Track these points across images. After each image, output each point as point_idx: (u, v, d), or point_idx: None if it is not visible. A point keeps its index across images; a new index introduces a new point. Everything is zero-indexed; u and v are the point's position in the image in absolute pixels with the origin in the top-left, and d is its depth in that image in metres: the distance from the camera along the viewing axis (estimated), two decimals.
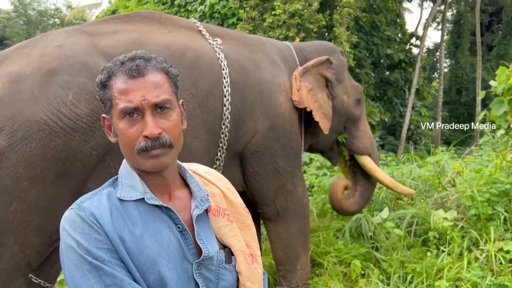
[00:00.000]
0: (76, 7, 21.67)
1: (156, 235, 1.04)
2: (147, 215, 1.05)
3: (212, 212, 1.15)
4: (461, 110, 19.27)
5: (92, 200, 1.05)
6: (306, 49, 3.50)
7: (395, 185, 3.79)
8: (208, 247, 1.09)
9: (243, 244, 1.17)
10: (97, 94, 1.10)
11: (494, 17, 21.53)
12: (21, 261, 2.24)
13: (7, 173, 2.10)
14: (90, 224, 0.99)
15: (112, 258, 0.98)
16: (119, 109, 1.03)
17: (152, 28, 2.74)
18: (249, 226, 1.23)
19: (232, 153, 2.87)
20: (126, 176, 1.10)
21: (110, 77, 1.06)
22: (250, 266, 1.16)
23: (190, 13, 8.56)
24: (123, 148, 1.08)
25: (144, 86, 1.03)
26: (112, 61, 1.08)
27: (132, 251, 1.01)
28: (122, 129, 1.04)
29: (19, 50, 2.42)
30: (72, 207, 1.04)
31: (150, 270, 1.01)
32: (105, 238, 0.99)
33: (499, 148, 5.22)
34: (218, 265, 1.11)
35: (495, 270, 3.04)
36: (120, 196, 1.06)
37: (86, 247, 0.97)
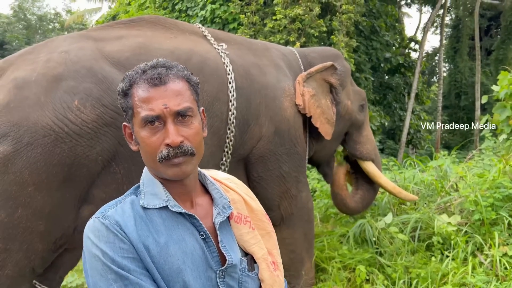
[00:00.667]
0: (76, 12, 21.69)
1: (180, 243, 1.03)
2: (170, 223, 1.05)
3: (234, 219, 1.15)
4: (460, 114, 19.28)
5: (116, 208, 1.05)
6: (310, 55, 3.51)
7: (398, 191, 3.80)
8: (231, 255, 1.08)
9: (265, 252, 1.17)
10: (118, 103, 1.10)
11: (492, 22, 21.60)
12: (26, 267, 2.23)
13: (13, 179, 2.09)
14: (115, 233, 0.99)
15: (137, 267, 0.98)
16: (140, 118, 1.03)
17: (157, 33, 2.74)
18: (270, 233, 1.23)
19: (237, 158, 2.86)
20: (148, 184, 1.10)
21: (131, 85, 1.06)
22: (272, 273, 1.16)
23: (191, 18, 8.56)
24: (145, 156, 1.07)
25: (165, 94, 1.03)
26: (134, 69, 1.08)
27: (157, 259, 1.00)
28: (144, 137, 1.04)
29: (24, 56, 2.42)
30: (96, 215, 1.03)
31: (175, 279, 1.00)
32: (130, 247, 0.99)
33: (500, 152, 5.22)
34: (241, 272, 1.11)
35: (500, 275, 3.03)
36: (143, 204, 1.06)
37: (112, 256, 0.96)
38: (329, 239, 3.98)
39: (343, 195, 3.80)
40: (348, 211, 3.98)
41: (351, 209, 3.87)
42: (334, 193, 3.87)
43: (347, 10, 7.70)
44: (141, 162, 2.54)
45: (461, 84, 19.31)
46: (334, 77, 3.38)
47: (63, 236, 2.32)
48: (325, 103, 3.28)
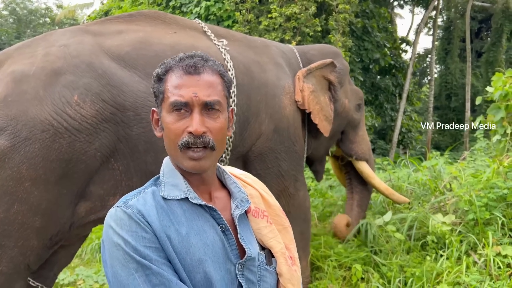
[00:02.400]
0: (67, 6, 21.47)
1: (201, 234, 1.03)
2: (191, 214, 1.05)
3: (251, 213, 1.15)
4: (450, 116, 19.49)
5: (138, 198, 1.04)
6: (309, 52, 3.50)
7: (390, 192, 3.82)
8: (250, 248, 1.08)
9: (283, 246, 1.17)
10: (151, 87, 1.12)
11: (483, 24, 21.85)
12: (21, 264, 2.19)
13: (9, 174, 2.05)
14: (137, 222, 0.98)
15: (159, 257, 0.97)
16: (169, 102, 1.05)
17: (157, 28, 2.72)
18: (287, 229, 1.23)
19: (236, 155, 2.85)
20: (168, 174, 1.10)
21: (167, 71, 1.08)
22: (290, 268, 1.16)
23: (185, 14, 8.52)
24: (167, 142, 1.08)
25: (198, 83, 1.05)
26: (172, 57, 1.10)
27: (178, 249, 1.00)
28: (169, 122, 1.05)
29: (22, 49, 2.37)
30: (117, 205, 1.03)
31: (196, 269, 1.00)
32: (153, 236, 0.98)
33: (492, 153, 5.28)
34: (260, 266, 1.11)
35: (493, 275, 3.06)
36: (164, 195, 1.06)
37: (134, 245, 0.95)
38: (325, 238, 3.99)
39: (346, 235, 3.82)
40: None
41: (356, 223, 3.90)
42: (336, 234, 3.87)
43: (343, 9, 7.72)
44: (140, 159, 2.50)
45: (451, 86, 19.52)
46: (333, 75, 3.38)
47: (59, 232, 2.28)
48: (323, 100, 3.28)
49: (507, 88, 4.17)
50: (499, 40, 18.61)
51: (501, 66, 16.71)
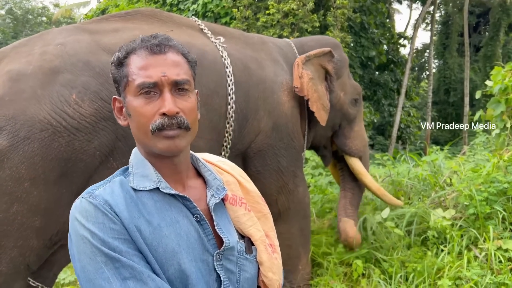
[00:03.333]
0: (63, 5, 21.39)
1: (174, 225, 0.98)
2: (162, 205, 1.00)
3: (229, 201, 1.11)
4: (449, 110, 19.48)
5: (104, 187, 0.99)
6: (307, 44, 3.47)
7: (382, 193, 3.72)
8: (228, 237, 1.04)
9: (263, 234, 1.13)
10: (111, 73, 1.05)
11: (481, 19, 21.83)
12: (21, 264, 2.19)
13: (8, 174, 2.04)
14: (104, 213, 0.93)
15: (129, 248, 0.92)
16: (136, 85, 0.99)
17: (154, 26, 2.70)
18: (267, 215, 1.19)
19: (235, 152, 2.84)
20: (138, 165, 1.05)
21: (128, 54, 1.02)
22: (271, 256, 1.12)
23: (182, 12, 8.49)
24: (136, 128, 1.02)
25: (165, 63, 1.00)
26: (131, 40, 1.04)
27: (149, 241, 0.95)
28: (137, 106, 0.99)
29: (18, 48, 2.36)
30: (83, 195, 0.97)
31: (169, 261, 0.95)
32: (121, 227, 0.93)
33: (492, 147, 5.27)
34: (239, 255, 1.07)
35: (494, 269, 3.06)
36: (133, 186, 1.00)
37: (102, 237, 0.90)
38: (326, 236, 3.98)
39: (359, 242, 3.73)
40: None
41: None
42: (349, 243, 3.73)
43: (341, 4, 7.70)
44: None
45: (450, 80, 19.50)
46: (331, 64, 3.35)
47: (59, 232, 2.27)
48: (321, 89, 3.25)
49: (506, 82, 4.16)
50: (497, 34, 18.60)
51: (499, 60, 16.72)
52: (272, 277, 1.11)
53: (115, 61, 1.03)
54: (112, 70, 1.05)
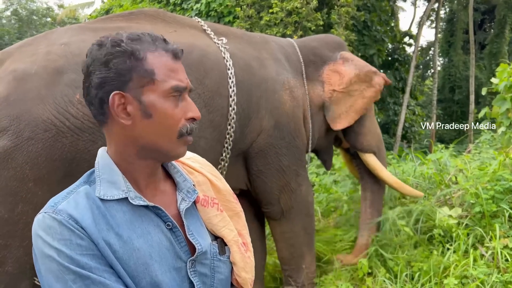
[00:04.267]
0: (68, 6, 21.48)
1: (145, 237, 0.94)
2: (132, 216, 0.95)
3: (200, 202, 1.07)
4: (454, 108, 19.36)
5: (68, 200, 0.92)
6: (310, 44, 3.46)
7: (400, 186, 3.72)
8: (200, 242, 1.02)
9: (236, 234, 1.11)
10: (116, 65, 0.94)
11: (486, 16, 21.69)
12: (26, 264, 2.19)
13: (13, 174, 2.05)
14: (70, 229, 0.87)
15: (99, 264, 0.88)
16: (170, 86, 0.95)
17: (157, 26, 2.70)
18: (239, 214, 1.17)
19: (236, 152, 2.84)
20: (104, 169, 0.98)
21: (144, 50, 0.96)
22: (244, 255, 1.11)
23: (185, 11, 8.50)
24: (161, 131, 0.96)
25: (184, 69, 1.01)
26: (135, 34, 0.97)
27: (120, 255, 0.91)
28: (168, 108, 0.96)
29: (23, 47, 2.36)
30: (45, 210, 0.90)
31: (141, 274, 0.92)
32: (89, 243, 0.88)
33: (497, 145, 5.24)
34: (212, 258, 1.05)
35: (501, 267, 3.04)
36: (100, 195, 0.94)
37: (69, 254, 0.85)
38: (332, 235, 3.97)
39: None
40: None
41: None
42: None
43: (345, 3, 7.67)
44: None
45: (455, 78, 19.37)
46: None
47: None
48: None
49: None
50: (502, 32, 18.47)
51: (505, 58, 16.62)
52: (245, 276, 1.11)
53: (130, 53, 0.94)
54: (120, 62, 0.94)
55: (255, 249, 1.27)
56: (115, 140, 1.00)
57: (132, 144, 0.99)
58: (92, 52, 0.96)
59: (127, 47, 0.94)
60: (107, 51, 0.94)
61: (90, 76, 0.95)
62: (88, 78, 0.96)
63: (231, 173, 2.89)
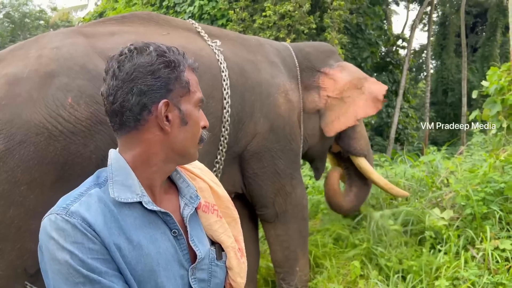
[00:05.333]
0: (61, 9, 21.38)
1: (153, 243, 0.97)
2: (142, 221, 0.98)
3: (202, 208, 1.12)
4: (447, 111, 19.51)
5: (80, 202, 0.93)
6: (305, 49, 3.49)
7: (390, 187, 3.81)
8: (200, 248, 1.06)
9: (233, 240, 1.16)
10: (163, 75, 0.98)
11: (478, 19, 21.87)
12: (18, 268, 2.19)
13: (5, 178, 2.04)
14: (83, 232, 0.89)
15: (109, 269, 0.90)
16: (199, 98, 1.08)
17: (150, 29, 2.70)
18: (236, 220, 1.21)
19: (231, 155, 2.85)
20: (118, 172, 0.98)
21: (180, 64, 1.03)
22: (239, 261, 1.16)
23: (178, 14, 8.51)
24: (192, 137, 1.06)
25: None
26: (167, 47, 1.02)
27: (128, 259, 0.93)
28: (197, 117, 1.07)
29: (14, 52, 2.36)
30: (56, 211, 0.91)
31: (146, 279, 0.95)
32: (101, 247, 0.90)
33: (488, 147, 5.28)
34: (210, 263, 1.09)
35: (492, 269, 3.07)
36: (114, 197, 0.95)
37: (81, 258, 0.87)
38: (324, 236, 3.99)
39: (337, 200, 3.80)
40: (343, 212, 4.01)
41: (346, 210, 3.90)
42: (328, 198, 3.87)
43: (338, 6, 7.72)
44: None
45: (448, 81, 19.54)
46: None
47: None
48: None
49: (502, 82, 4.18)
50: (494, 35, 18.66)
51: (496, 61, 16.76)
52: (240, 281, 1.16)
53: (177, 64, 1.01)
54: (166, 72, 0.99)
55: (248, 252, 1.29)
56: (144, 146, 1.00)
57: (164, 149, 1.01)
58: (132, 58, 0.98)
59: (173, 58, 1.00)
60: (153, 60, 0.97)
61: (132, 83, 0.96)
62: (129, 84, 0.96)
63: (226, 176, 2.90)
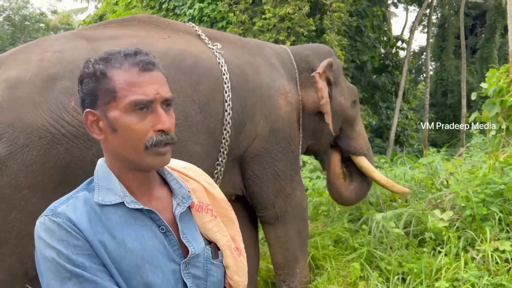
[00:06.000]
0: (61, 12, 21.42)
1: (138, 239, 1.01)
2: (127, 219, 1.02)
3: (195, 208, 1.14)
4: (446, 112, 19.51)
5: (67, 204, 1.00)
6: (303, 52, 3.50)
7: (391, 185, 3.83)
8: (193, 245, 1.08)
9: (229, 239, 1.17)
10: (85, 86, 1.03)
11: (477, 21, 21.89)
12: (19, 271, 2.20)
13: (7, 182, 2.06)
14: (68, 230, 0.95)
15: (93, 263, 0.95)
16: (129, 101, 0.99)
17: (151, 32, 2.72)
18: (233, 220, 1.23)
19: (232, 157, 2.86)
20: (103, 178, 1.05)
21: (108, 68, 1.02)
22: (236, 259, 1.17)
23: (178, 17, 8.52)
24: (126, 144, 1.02)
25: (156, 80, 1.03)
26: (107, 53, 1.04)
27: (113, 256, 0.98)
28: (131, 123, 1.00)
29: (15, 55, 2.37)
30: (45, 213, 0.98)
31: (132, 275, 0.98)
32: (85, 243, 0.95)
33: (488, 149, 5.30)
34: (206, 261, 1.11)
35: (491, 270, 3.07)
36: (98, 200, 1.01)
37: (66, 254, 0.93)
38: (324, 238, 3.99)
39: (338, 184, 3.78)
40: (342, 200, 3.96)
41: (345, 198, 3.86)
42: (330, 182, 3.85)
43: (337, 8, 7.73)
44: None
45: (447, 83, 19.54)
46: (331, 75, 3.40)
47: None
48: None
49: (501, 84, 4.19)
50: (493, 36, 18.66)
51: (495, 62, 16.79)
52: (238, 279, 1.17)
53: (95, 74, 1.01)
54: (87, 82, 1.03)
55: (248, 253, 1.31)
56: (105, 153, 1.10)
57: (113, 155, 1.07)
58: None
59: (92, 68, 1.02)
60: (80, 72, 1.05)
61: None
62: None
63: (227, 178, 2.91)
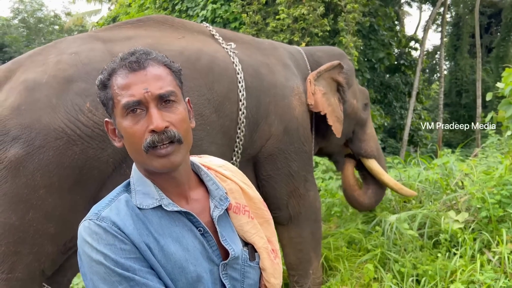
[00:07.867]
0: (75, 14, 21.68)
1: (180, 241, 1.02)
2: (167, 222, 1.03)
3: (232, 209, 1.13)
4: (461, 112, 19.26)
5: (110, 207, 1.00)
6: (316, 54, 3.52)
7: (399, 187, 3.87)
8: (233, 247, 1.08)
9: (265, 241, 1.16)
10: (97, 97, 1.05)
11: (493, 19, 21.60)
12: (36, 270, 2.23)
13: (24, 182, 2.09)
14: (114, 235, 0.95)
15: (142, 266, 0.95)
16: (121, 106, 0.98)
17: (165, 33, 2.74)
18: (269, 221, 1.22)
19: (246, 157, 2.86)
20: (138, 182, 1.06)
21: (110, 75, 1.01)
22: (273, 262, 1.16)
23: (191, 18, 8.55)
24: (130, 149, 1.02)
25: (146, 78, 0.99)
26: (112, 60, 1.04)
27: (159, 258, 0.98)
28: (127, 127, 0.99)
29: (33, 57, 2.41)
30: (90, 217, 0.98)
31: (178, 277, 0.99)
32: (132, 247, 0.96)
33: (504, 149, 5.22)
34: (243, 263, 1.11)
35: (508, 272, 3.03)
36: (137, 204, 1.02)
37: (114, 258, 0.93)
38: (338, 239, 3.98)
39: (356, 196, 3.85)
40: (364, 208, 4.05)
41: (366, 206, 3.94)
42: (348, 195, 3.93)
43: (352, 9, 7.68)
44: None
45: (462, 82, 19.29)
46: (341, 76, 3.40)
47: (73, 238, 2.31)
48: (334, 101, 3.31)
49: None
50: (509, 35, 18.38)
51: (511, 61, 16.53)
52: (274, 282, 1.17)
53: (99, 84, 1.03)
54: (98, 93, 1.04)
55: None
56: None
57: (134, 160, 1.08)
58: None
59: (99, 77, 1.03)
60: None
61: None
62: None
63: None
